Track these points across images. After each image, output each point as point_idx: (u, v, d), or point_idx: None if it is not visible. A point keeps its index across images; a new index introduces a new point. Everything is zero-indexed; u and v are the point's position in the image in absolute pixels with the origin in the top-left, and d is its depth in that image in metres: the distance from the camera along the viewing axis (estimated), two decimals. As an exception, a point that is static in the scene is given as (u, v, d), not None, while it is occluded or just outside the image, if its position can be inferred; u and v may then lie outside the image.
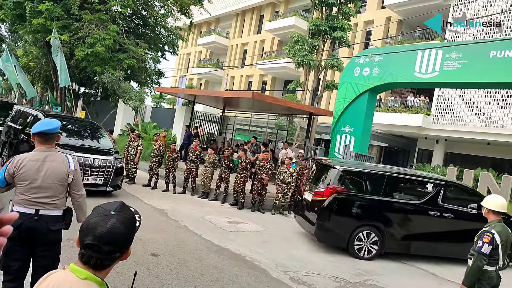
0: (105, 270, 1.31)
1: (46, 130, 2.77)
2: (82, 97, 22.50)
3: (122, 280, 4.08)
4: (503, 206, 3.67)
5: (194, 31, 41.37)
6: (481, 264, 3.54)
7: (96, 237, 1.24)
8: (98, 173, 7.99)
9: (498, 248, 3.52)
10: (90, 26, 15.92)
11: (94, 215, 1.31)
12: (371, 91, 12.23)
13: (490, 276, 3.60)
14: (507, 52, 9.43)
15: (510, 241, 3.68)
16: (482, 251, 3.51)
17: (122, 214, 1.31)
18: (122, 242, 1.29)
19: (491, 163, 21.31)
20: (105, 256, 1.26)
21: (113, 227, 1.26)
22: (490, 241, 3.50)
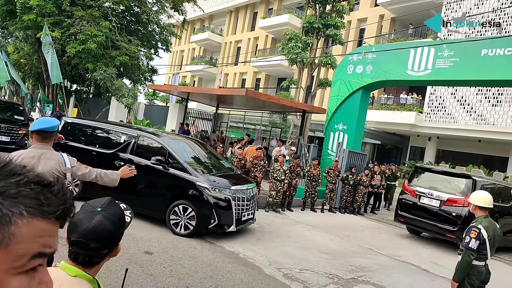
0: (95, 267, 1.30)
1: (45, 128, 2.77)
2: (74, 95, 22.29)
3: (115, 278, 4.06)
4: (489, 202, 3.74)
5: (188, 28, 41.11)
6: (469, 259, 3.60)
7: (82, 234, 1.23)
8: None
9: (486, 243, 3.59)
10: (82, 23, 15.75)
11: (80, 212, 1.30)
12: (364, 88, 12.28)
13: (479, 271, 3.67)
14: (498, 50, 9.53)
15: (498, 236, 3.75)
16: (470, 246, 3.58)
17: (109, 210, 1.29)
18: (108, 239, 1.28)
19: (482, 160, 21.60)
20: (92, 253, 1.25)
21: (98, 224, 1.25)
22: (477, 236, 3.57)
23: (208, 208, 6.16)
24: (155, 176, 6.58)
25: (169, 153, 6.57)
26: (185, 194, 6.34)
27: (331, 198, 10.92)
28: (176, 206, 6.30)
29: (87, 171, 3.03)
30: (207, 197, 6.19)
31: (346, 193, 11.18)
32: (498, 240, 3.78)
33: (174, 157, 6.53)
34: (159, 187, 6.66)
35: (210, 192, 6.19)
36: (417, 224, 8.66)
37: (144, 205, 6.55)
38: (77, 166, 2.97)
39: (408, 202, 8.80)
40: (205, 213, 6.17)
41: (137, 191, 6.63)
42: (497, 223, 3.94)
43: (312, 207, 10.63)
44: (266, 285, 4.70)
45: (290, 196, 10.17)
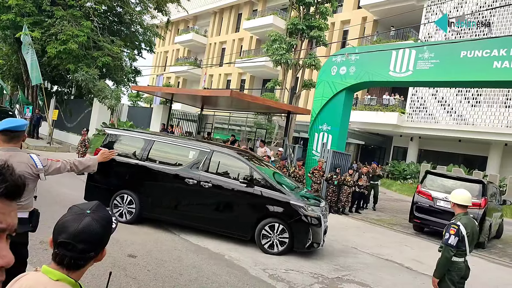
0: (79, 271, 1.28)
1: (11, 127, 2.65)
2: (55, 96, 21.84)
3: (98, 283, 3.99)
4: (468, 200, 3.86)
5: (172, 29, 40.88)
6: (448, 255, 3.69)
7: (70, 235, 1.22)
8: None
9: (465, 239, 3.68)
10: (63, 23, 15.47)
11: (68, 214, 1.29)
12: (348, 89, 12.43)
13: (459, 267, 3.75)
14: (477, 52, 9.79)
15: (476, 233, 3.85)
16: (449, 243, 3.67)
17: (98, 213, 1.29)
18: (96, 241, 1.27)
19: (462, 159, 22.12)
20: (79, 255, 1.24)
21: (88, 225, 1.24)
22: (456, 232, 3.66)
23: (305, 227, 6.13)
24: (239, 196, 6.35)
25: (253, 171, 6.45)
26: (275, 213, 6.24)
27: (316, 198, 10.99)
28: (265, 225, 6.20)
29: (60, 165, 2.95)
30: (303, 216, 6.12)
31: (331, 193, 11.27)
32: (477, 237, 3.88)
33: (261, 175, 6.45)
34: (244, 206, 6.40)
35: (306, 212, 6.15)
36: (434, 225, 9.25)
37: (227, 225, 6.41)
38: (49, 164, 2.90)
39: (424, 205, 9.49)
40: (302, 232, 6.13)
41: (217, 211, 6.48)
42: None
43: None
44: (251, 286, 4.70)
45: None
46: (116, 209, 6.62)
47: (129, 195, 6.61)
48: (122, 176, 6.83)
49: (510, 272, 7.32)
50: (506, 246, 9.81)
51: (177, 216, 6.64)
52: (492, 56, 9.51)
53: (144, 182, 6.74)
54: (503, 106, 19.79)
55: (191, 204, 6.58)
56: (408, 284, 5.74)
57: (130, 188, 6.67)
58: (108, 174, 6.71)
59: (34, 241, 4.80)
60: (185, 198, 6.56)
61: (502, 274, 7.09)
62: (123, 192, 6.65)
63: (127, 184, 6.74)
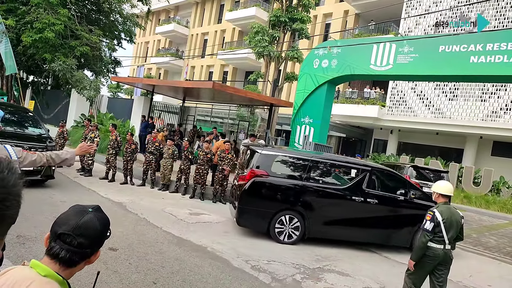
0: (71, 269, 1.27)
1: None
2: (31, 86, 21.17)
3: (78, 277, 3.93)
4: (449, 190, 4.19)
5: (152, 19, 40.11)
6: (424, 239, 3.96)
7: (71, 227, 1.23)
8: None
9: (440, 225, 3.94)
10: (38, 10, 14.94)
11: (70, 210, 1.32)
12: (329, 82, 12.52)
13: (435, 253, 3.97)
14: (454, 46, 10.02)
15: (456, 221, 4.05)
16: (425, 228, 3.99)
17: (99, 213, 1.33)
18: (95, 238, 1.28)
19: (439, 152, 22.72)
20: (75, 249, 1.23)
21: (89, 220, 1.27)
22: (431, 218, 3.98)
23: None
24: (400, 208, 7.06)
25: (409, 184, 7.32)
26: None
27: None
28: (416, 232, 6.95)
29: (35, 157, 2.87)
30: None
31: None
32: (456, 226, 4.05)
33: (413, 187, 7.36)
34: (404, 217, 7.10)
35: None
36: None
37: (390, 236, 7.09)
38: (24, 155, 2.82)
39: None
40: None
41: (382, 224, 7.00)
42: None
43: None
44: (234, 277, 4.73)
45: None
46: (278, 230, 6.64)
47: (293, 215, 6.67)
48: (284, 197, 6.75)
49: (482, 260, 7.62)
50: (480, 235, 10.19)
51: (343, 233, 6.96)
52: (469, 51, 9.75)
53: (308, 202, 6.77)
54: (478, 100, 20.37)
55: (357, 220, 6.94)
56: (387, 272, 5.89)
57: (293, 209, 6.71)
58: (267, 196, 6.75)
59: (11, 235, 4.68)
60: (351, 215, 6.90)
61: (475, 262, 7.37)
62: (285, 213, 6.66)
63: (290, 205, 6.73)
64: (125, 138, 10.67)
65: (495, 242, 9.69)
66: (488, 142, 21.86)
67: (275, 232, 6.61)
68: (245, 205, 6.67)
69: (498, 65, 9.31)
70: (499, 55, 9.30)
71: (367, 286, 5.16)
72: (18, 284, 1.15)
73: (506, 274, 6.78)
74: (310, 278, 5.11)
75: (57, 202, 7.05)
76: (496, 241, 9.82)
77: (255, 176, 6.63)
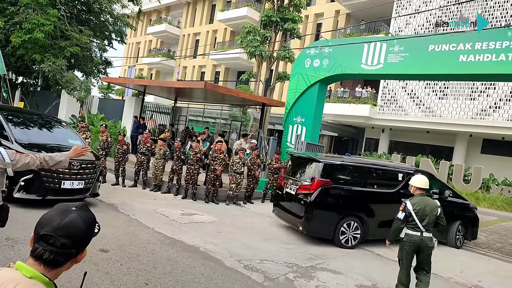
0: (56, 270, 1.25)
1: None
2: (20, 88, 20.90)
3: (67, 278, 3.90)
4: (425, 183, 4.62)
5: (143, 19, 39.86)
6: (396, 225, 4.57)
7: (53, 228, 1.21)
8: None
9: (412, 215, 4.44)
10: (28, 11, 14.77)
11: (53, 209, 1.29)
12: (321, 82, 12.57)
13: (411, 240, 4.48)
14: (444, 45, 10.12)
15: (430, 211, 4.47)
16: (397, 216, 4.55)
17: (83, 212, 1.30)
18: (79, 238, 1.26)
19: (430, 150, 22.93)
20: (59, 250, 1.21)
21: (72, 220, 1.24)
22: (403, 209, 4.50)
23: (475, 223, 8.41)
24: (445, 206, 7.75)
25: (445, 185, 8.51)
26: (462, 216, 8.16)
27: (290, 189, 11.11)
28: (458, 225, 7.99)
29: (29, 160, 2.85)
30: (475, 214, 8.39)
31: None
32: (432, 215, 4.49)
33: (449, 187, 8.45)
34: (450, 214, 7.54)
35: (476, 211, 8.51)
36: None
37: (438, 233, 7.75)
38: (17, 158, 2.79)
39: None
40: (474, 227, 8.37)
41: None
42: None
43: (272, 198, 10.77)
44: (226, 277, 4.72)
45: (251, 189, 10.23)
46: (342, 236, 6.93)
47: (354, 220, 7.02)
48: (347, 203, 7.07)
49: (473, 257, 7.71)
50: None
51: None
52: (458, 50, 9.86)
53: (367, 207, 7.17)
54: (468, 98, 20.61)
55: None
56: (379, 270, 5.93)
57: (354, 214, 7.04)
58: (332, 204, 7.03)
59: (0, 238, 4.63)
60: None
61: (466, 258, 7.45)
62: (348, 219, 6.97)
63: (352, 211, 7.08)
64: (117, 139, 10.58)
65: (485, 238, 9.81)
66: (478, 140, 22.13)
67: (339, 238, 6.90)
68: (313, 214, 6.85)
69: (487, 64, 9.43)
70: (487, 54, 9.42)
71: (359, 283, 5.19)
72: (3, 286, 1.14)
73: (496, 270, 6.87)
74: (302, 277, 5.12)
75: (45, 203, 6.97)
76: (486, 237, 9.94)
77: (322, 185, 6.84)
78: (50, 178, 6.53)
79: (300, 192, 7.04)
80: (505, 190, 17.12)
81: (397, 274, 5.84)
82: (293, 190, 7.29)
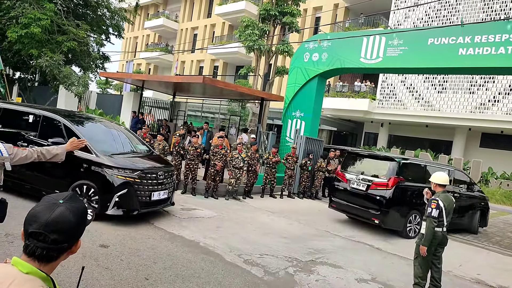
0: (51, 264, 1.22)
1: None
2: (18, 83, 20.77)
3: (68, 274, 3.89)
4: (446, 180, 4.73)
5: (141, 13, 39.58)
6: (432, 226, 4.45)
7: (42, 225, 1.17)
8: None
9: (443, 211, 4.50)
10: (24, 5, 14.64)
11: (41, 203, 1.24)
12: (320, 76, 12.52)
13: (436, 235, 4.53)
14: (443, 39, 10.07)
15: (453, 207, 4.67)
16: (432, 215, 4.44)
17: (71, 203, 1.24)
18: (69, 231, 1.22)
19: (429, 144, 22.96)
20: (50, 246, 1.18)
21: (60, 215, 1.19)
22: (436, 206, 4.47)
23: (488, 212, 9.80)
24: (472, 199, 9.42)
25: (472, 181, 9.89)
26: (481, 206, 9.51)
27: (289, 184, 11.12)
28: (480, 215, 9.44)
29: (26, 153, 2.83)
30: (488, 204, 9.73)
31: (305, 179, 11.44)
32: (452, 211, 4.68)
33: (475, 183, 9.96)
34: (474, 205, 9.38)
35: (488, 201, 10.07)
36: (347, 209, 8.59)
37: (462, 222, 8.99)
38: (15, 152, 2.78)
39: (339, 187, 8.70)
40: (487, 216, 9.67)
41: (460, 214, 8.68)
42: None
43: (272, 193, 10.79)
44: (227, 271, 4.72)
45: (251, 184, 10.24)
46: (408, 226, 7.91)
47: (417, 214, 7.88)
48: (413, 198, 7.90)
49: (472, 250, 7.74)
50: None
51: None
52: (457, 44, 9.82)
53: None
54: (467, 92, 20.59)
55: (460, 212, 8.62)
56: (378, 263, 5.95)
57: (417, 208, 7.81)
58: (404, 199, 7.83)
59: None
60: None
61: (465, 252, 7.48)
62: (412, 212, 7.88)
63: (416, 205, 7.84)
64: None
65: (484, 231, 9.86)
66: (477, 134, 22.15)
67: (406, 229, 7.80)
68: (390, 208, 7.63)
69: (486, 57, 9.39)
70: (487, 47, 9.38)
71: (359, 277, 5.20)
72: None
73: (494, 263, 6.90)
74: (302, 271, 5.13)
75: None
76: (485, 230, 9.99)
77: (397, 182, 7.63)
78: (142, 191, 6.23)
79: (375, 188, 7.80)
80: (504, 183, 17.18)
81: (396, 267, 5.86)
82: (362, 187, 8.07)
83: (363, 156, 8.98)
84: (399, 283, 5.18)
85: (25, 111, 6.91)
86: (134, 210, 6.20)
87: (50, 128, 6.55)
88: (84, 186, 6.00)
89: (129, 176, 6.07)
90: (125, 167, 6.11)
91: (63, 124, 6.44)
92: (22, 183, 6.43)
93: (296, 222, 8.08)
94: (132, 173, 6.13)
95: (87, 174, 6.04)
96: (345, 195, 8.40)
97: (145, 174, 6.33)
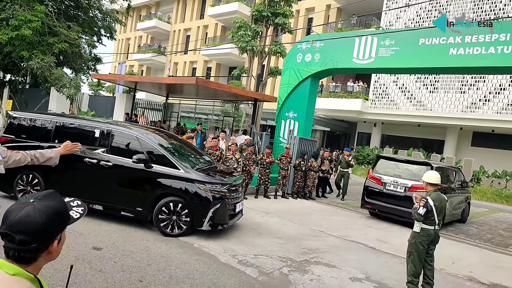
0: (33, 265, 1.19)
1: None
2: (8, 85, 20.54)
3: (61, 277, 3.86)
4: (438, 179, 4.78)
5: (133, 15, 39.45)
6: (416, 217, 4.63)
7: (8, 225, 1.14)
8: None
9: (433, 210, 4.56)
10: (14, 7, 14.48)
11: (14, 203, 1.20)
12: (313, 76, 12.56)
13: (428, 233, 4.64)
14: (434, 39, 10.17)
15: (444, 206, 4.74)
16: (418, 212, 4.57)
17: (43, 202, 1.19)
18: (36, 232, 1.16)
19: (421, 144, 23.16)
20: (20, 246, 1.14)
21: (26, 215, 1.14)
22: (425, 204, 4.54)
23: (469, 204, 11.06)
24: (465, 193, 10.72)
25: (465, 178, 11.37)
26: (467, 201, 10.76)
27: (283, 184, 11.14)
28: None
29: (20, 156, 2.81)
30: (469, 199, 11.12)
31: (299, 179, 11.46)
32: (444, 210, 4.80)
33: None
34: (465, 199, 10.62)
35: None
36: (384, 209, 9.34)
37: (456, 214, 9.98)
38: (8, 155, 2.76)
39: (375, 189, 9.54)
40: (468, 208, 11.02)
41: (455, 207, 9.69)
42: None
43: (266, 193, 10.79)
44: (221, 272, 4.72)
45: (246, 184, 10.22)
46: None
47: None
48: None
49: (464, 248, 7.82)
50: (461, 224, 10.44)
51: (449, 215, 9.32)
52: (448, 44, 9.92)
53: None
54: (458, 91, 20.81)
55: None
56: (372, 262, 5.98)
57: None
58: None
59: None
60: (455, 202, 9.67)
61: (457, 250, 7.55)
62: None
63: None
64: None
65: (476, 229, 9.96)
66: (468, 133, 22.39)
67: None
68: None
69: (477, 57, 9.50)
70: (477, 47, 9.49)
71: (353, 276, 5.22)
72: None
73: (486, 260, 6.97)
74: (297, 271, 5.14)
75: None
76: (477, 228, 10.09)
77: None
78: (229, 205, 6.26)
79: (414, 191, 8.01)
80: (495, 182, 17.37)
81: (390, 266, 5.90)
82: (400, 189, 8.87)
83: (399, 161, 9.74)
84: (393, 281, 5.21)
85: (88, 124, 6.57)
86: (225, 223, 6.19)
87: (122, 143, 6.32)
88: (171, 203, 5.91)
89: (221, 190, 6.11)
90: (216, 182, 6.14)
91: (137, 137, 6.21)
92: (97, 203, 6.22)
93: (290, 222, 8.09)
94: (222, 187, 6.16)
95: (176, 190, 5.94)
96: (380, 196, 9.18)
97: (232, 187, 6.41)
